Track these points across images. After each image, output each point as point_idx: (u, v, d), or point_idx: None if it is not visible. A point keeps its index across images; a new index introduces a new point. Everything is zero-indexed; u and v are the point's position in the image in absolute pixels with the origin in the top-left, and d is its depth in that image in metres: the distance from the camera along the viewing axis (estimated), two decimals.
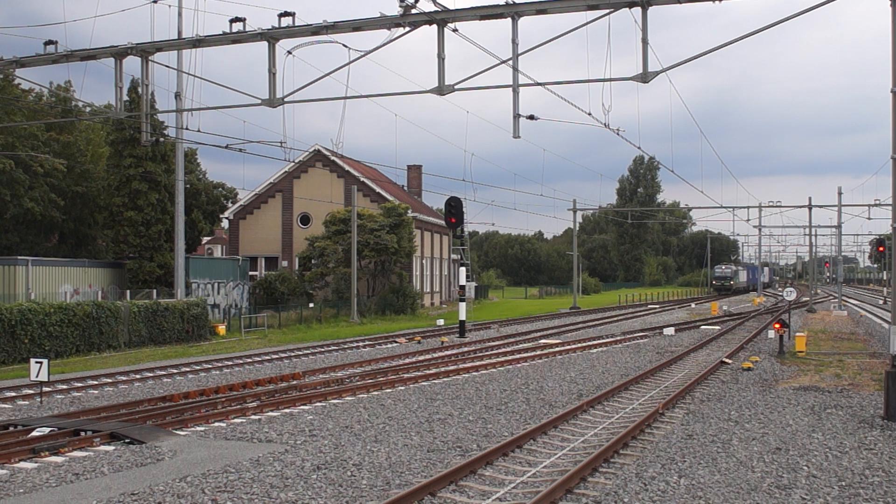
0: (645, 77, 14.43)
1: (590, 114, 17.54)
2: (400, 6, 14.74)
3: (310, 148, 51.36)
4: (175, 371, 21.46)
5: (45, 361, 16.36)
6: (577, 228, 68.33)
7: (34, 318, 24.30)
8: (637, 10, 14.18)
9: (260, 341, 31.23)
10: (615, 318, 44.04)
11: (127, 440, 12.65)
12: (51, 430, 13.08)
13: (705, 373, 19.99)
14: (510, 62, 15.22)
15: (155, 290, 35.04)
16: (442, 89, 15.47)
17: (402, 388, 18.39)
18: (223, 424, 14.08)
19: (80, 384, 19.19)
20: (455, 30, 15.13)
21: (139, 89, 30.47)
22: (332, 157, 50.89)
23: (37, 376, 16.35)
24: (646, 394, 17.33)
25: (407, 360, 23.87)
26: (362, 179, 51.24)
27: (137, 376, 20.36)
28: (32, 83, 59.93)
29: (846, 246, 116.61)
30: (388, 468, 10.90)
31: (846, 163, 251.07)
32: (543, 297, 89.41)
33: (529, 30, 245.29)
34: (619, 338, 31.22)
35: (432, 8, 14.49)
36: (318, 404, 16.11)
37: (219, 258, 53.06)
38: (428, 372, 20.74)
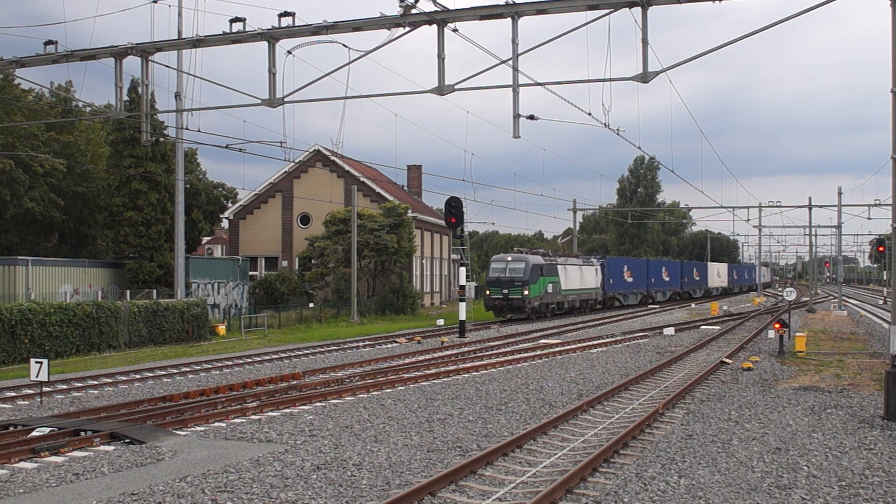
0: (645, 77, 14.43)
1: (590, 114, 17.55)
2: (400, 6, 14.75)
3: (310, 148, 51.38)
4: (175, 371, 21.46)
5: (45, 361, 16.36)
6: (577, 228, 68.30)
7: (34, 318, 24.30)
8: (637, 10, 14.19)
9: (260, 341, 31.23)
10: (615, 318, 44.02)
11: (127, 440, 12.65)
12: (51, 430, 13.07)
13: (705, 373, 19.98)
14: (510, 62, 15.23)
15: (155, 291, 35.04)
16: (442, 89, 15.47)
17: (402, 388, 18.38)
18: (223, 424, 14.08)
19: (80, 384, 19.19)
20: (455, 30, 15.13)
21: (139, 89, 30.45)
22: (332, 157, 50.89)
23: (37, 376, 16.35)
24: (646, 394, 17.33)
25: (407, 360, 23.86)
26: (362, 179, 51.23)
27: (137, 376, 20.36)
28: (32, 83, 60.03)
29: (846, 246, 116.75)
30: (388, 468, 10.90)
31: (848, 163, 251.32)
32: None
33: (532, 29, 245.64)
34: (619, 338, 31.21)
35: (432, 8, 14.50)
36: (318, 404, 16.11)
37: (219, 258, 53.05)
38: (428, 372, 20.74)
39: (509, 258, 42.50)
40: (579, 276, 48.74)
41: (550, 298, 43.99)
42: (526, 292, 40.80)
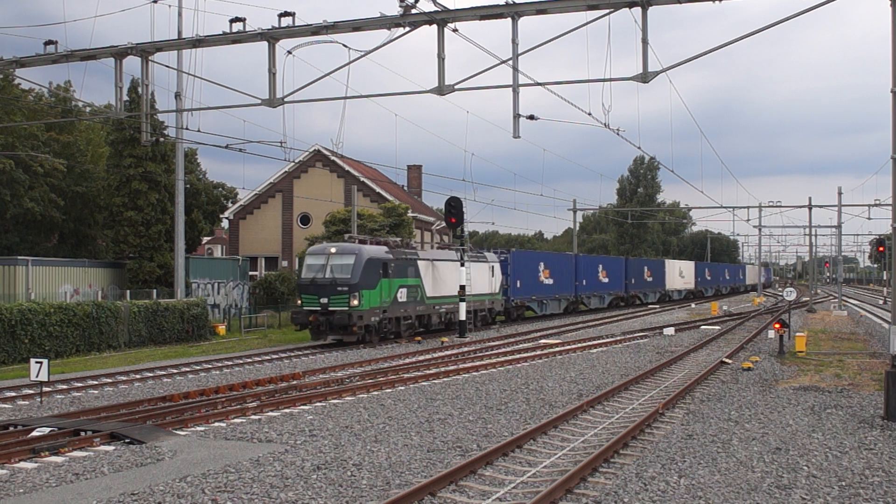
0: (645, 77, 14.44)
1: (590, 114, 17.56)
2: (400, 6, 14.77)
3: (310, 148, 51.39)
4: (175, 371, 21.46)
5: (45, 361, 16.36)
6: (577, 228, 68.31)
7: (34, 318, 24.29)
8: (637, 10, 14.20)
9: (260, 341, 31.22)
10: (615, 318, 44.03)
11: (127, 440, 12.65)
12: (51, 430, 13.07)
13: (705, 373, 19.98)
14: (510, 62, 15.24)
15: (155, 291, 35.04)
16: (442, 89, 15.48)
17: (402, 388, 18.38)
18: (223, 424, 14.08)
19: (80, 384, 19.18)
20: (455, 30, 15.15)
21: (139, 89, 30.45)
22: (332, 157, 50.90)
23: (37, 376, 16.35)
24: (646, 394, 17.33)
25: (407, 360, 23.87)
26: (362, 179, 51.24)
27: (137, 376, 20.36)
28: (32, 83, 59.99)
29: (846, 246, 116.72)
30: (388, 468, 10.90)
31: (848, 163, 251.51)
32: None
33: (532, 29, 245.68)
34: (619, 338, 31.22)
35: (432, 8, 14.51)
36: (318, 404, 16.11)
37: (219, 258, 53.04)
38: (428, 372, 20.74)
39: (332, 249, 28.45)
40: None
41: (403, 310, 30.14)
42: (355, 302, 27.13)
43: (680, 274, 69.46)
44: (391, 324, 29.69)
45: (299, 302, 28.25)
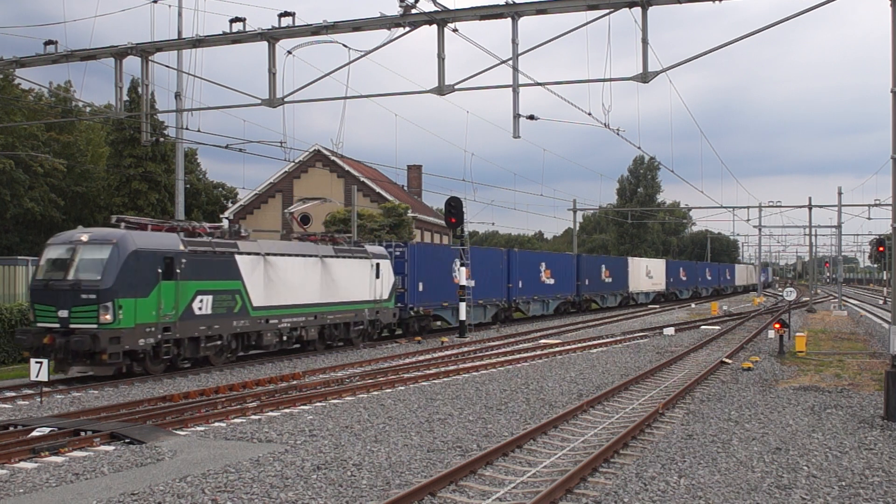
0: (645, 77, 14.45)
1: (590, 114, 17.56)
2: (400, 6, 14.78)
3: (310, 148, 51.40)
4: (175, 371, 21.42)
5: (45, 361, 16.35)
6: (577, 228, 68.31)
7: None
8: (637, 10, 14.21)
9: None
10: (615, 318, 44.04)
11: (127, 440, 12.64)
12: (51, 430, 13.07)
13: (705, 373, 19.99)
14: (510, 62, 15.24)
15: None
16: (442, 89, 15.49)
17: (402, 388, 18.38)
18: (223, 424, 14.08)
19: (80, 384, 19.17)
20: (455, 30, 15.16)
21: (139, 89, 30.47)
22: (332, 157, 50.91)
23: (37, 376, 16.34)
24: (646, 394, 17.33)
25: (407, 360, 23.87)
26: (362, 179, 51.26)
27: (137, 376, 20.33)
28: (32, 83, 60.00)
29: (846, 246, 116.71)
30: (388, 468, 10.90)
31: (848, 163, 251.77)
32: None
33: (532, 29, 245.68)
34: (619, 338, 31.22)
35: (432, 8, 14.52)
36: (318, 404, 16.11)
37: None
38: (428, 372, 20.74)
39: (83, 237, 19.36)
40: (319, 278, 25.45)
41: (206, 327, 21.09)
42: (107, 317, 18.44)
43: (647, 274, 61.01)
44: (183, 347, 20.62)
45: (32, 316, 19.45)
